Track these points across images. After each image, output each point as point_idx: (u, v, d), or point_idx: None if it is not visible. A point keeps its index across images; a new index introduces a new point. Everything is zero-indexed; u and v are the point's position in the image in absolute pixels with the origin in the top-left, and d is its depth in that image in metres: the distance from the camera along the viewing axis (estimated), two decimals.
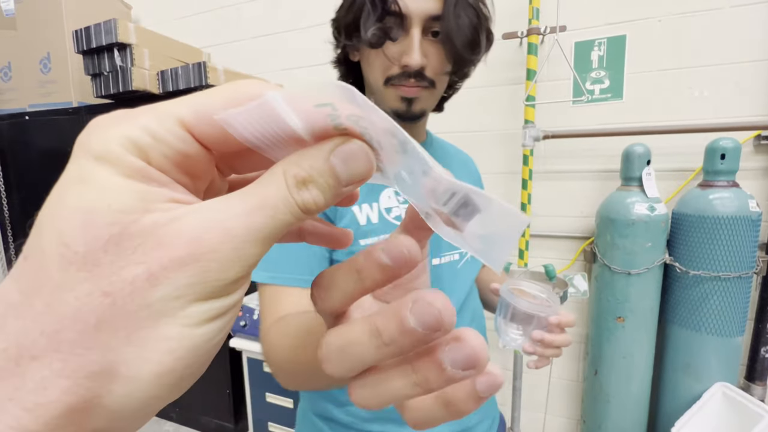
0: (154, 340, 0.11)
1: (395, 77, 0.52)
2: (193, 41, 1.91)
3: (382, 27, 0.49)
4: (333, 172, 0.13)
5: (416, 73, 0.51)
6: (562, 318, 0.48)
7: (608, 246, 1.30)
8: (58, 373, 0.10)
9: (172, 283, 0.11)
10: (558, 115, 1.49)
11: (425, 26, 0.50)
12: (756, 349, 1.26)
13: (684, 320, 1.24)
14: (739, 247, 1.14)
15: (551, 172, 1.55)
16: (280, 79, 1.90)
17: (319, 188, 0.13)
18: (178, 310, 0.11)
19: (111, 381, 0.11)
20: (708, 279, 1.18)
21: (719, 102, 1.31)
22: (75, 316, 0.10)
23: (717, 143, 1.17)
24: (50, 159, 1.98)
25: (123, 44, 1.52)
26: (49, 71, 1.89)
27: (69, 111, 1.88)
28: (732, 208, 1.13)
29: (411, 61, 0.49)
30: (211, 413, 1.84)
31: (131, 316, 0.11)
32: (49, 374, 0.10)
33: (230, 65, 1.73)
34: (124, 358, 0.11)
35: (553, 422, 1.68)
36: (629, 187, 1.29)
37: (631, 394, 1.31)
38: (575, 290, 1.30)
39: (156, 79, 1.60)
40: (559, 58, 1.42)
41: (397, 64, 0.51)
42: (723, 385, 1.20)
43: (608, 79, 1.42)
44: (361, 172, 0.13)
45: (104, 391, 0.11)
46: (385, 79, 0.52)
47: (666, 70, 1.36)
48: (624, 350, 1.30)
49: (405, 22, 0.49)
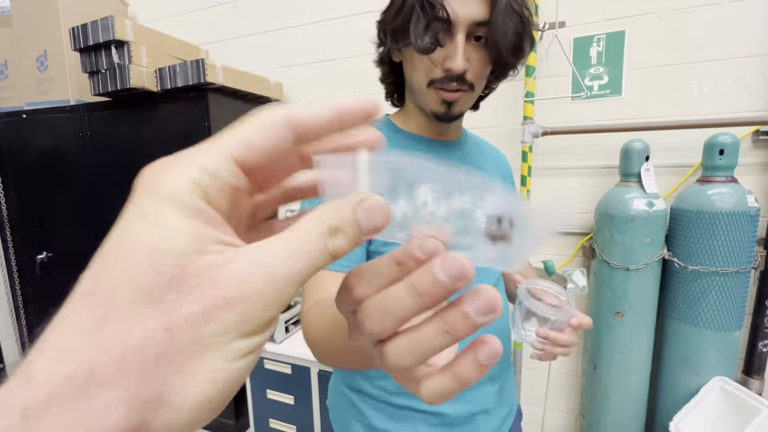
0: (200, 372, 0.12)
1: (438, 80, 0.53)
2: (191, 38, 1.90)
3: (434, 35, 0.50)
4: (357, 224, 0.15)
5: (458, 77, 0.53)
6: (582, 320, 0.51)
7: (607, 242, 1.30)
8: (119, 399, 0.11)
9: (222, 321, 0.13)
10: (557, 112, 1.49)
11: (469, 31, 0.51)
12: (754, 344, 1.27)
13: (682, 315, 1.25)
14: (738, 242, 1.14)
15: (550, 169, 1.55)
16: (278, 76, 1.90)
17: (346, 236, 0.15)
18: (223, 345, 0.13)
19: (160, 407, 0.12)
20: (706, 274, 1.18)
21: (718, 97, 1.31)
22: (139, 349, 0.12)
23: (716, 139, 1.17)
24: (48, 158, 1.98)
25: (120, 41, 1.51)
26: (46, 69, 1.88)
27: (67, 109, 1.87)
28: (730, 203, 1.14)
29: (455, 66, 0.51)
30: None
31: (184, 350, 0.12)
32: (112, 400, 0.11)
33: (228, 62, 1.73)
34: (173, 388, 0.12)
35: (552, 417, 1.69)
36: (628, 183, 1.29)
37: (630, 389, 1.32)
38: (574, 286, 1.30)
39: (154, 76, 1.59)
40: (558, 54, 1.42)
41: (440, 68, 0.52)
42: (721, 379, 1.21)
43: (607, 75, 1.42)
44: (379, 223, 0.15)
45: (153, 417, 0.12)
46: (428, 81, 0.54)
47: (665, 66, 1.36)
48: (623, 345, 1.30)
49: (452, 28, 0.51)
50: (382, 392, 0.61)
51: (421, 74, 0.54)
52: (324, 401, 1.47)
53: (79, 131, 1.87)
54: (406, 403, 0.60)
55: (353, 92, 1.77)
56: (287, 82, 1.90)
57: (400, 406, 0.60)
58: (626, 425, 1.35)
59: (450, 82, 0.53)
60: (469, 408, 0.61)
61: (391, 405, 0.61)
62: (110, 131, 1.81)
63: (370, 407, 0.62)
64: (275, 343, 1.51)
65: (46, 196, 2.03)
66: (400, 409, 0.60)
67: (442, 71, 0.53)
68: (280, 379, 1.52)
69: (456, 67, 0.51)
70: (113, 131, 1.80)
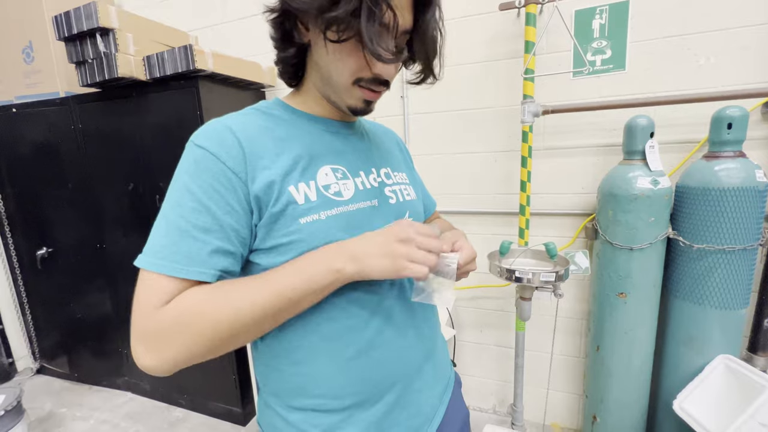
0: None
1: (366, 81, 0.52)
2: (179, 24, 1.84)
3: (395, 45, 0.51)
4: None
5: (385, 81, 0.53)
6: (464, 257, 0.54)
7: (610, 222, 1.28)
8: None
9: None
10: (558, 90, 1.45)
11: (398, 40, 0.52)
12: (759, 321, 1.26)
13: (687, 294, 1.23)
14: (745, 218, 1.11)
15: (551, 149, 1.51)
16: (271, 61, 1.84)
17: None
18: None
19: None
20: (712, 252, 1.16)
21: (726, 69, 1.26)
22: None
23: (723, 112, 1.13)
24: (42, 152, 1.95)
25: (105, 29, 1.46)
26: (33, 61, 1.83)
27: (57, 102, 1.84)
28: (738, 179, 1.10)
29: (386, 74, 0.52)
30: (219, 398, 1.87)
31: None
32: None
33: (218, 48, 1.68)
34: None
35: (555, 397, 1.70)
36: (632, 161, 1.25)
37: (633, 369, 1.32)
38: (576, 267, 1.28)
39: (142, 64, 1.55)
40: (559, 29, 1.37)
41: (370, 70, 0.51)
42: (725, 357, 1.20)
43: (610, 49, 1.36)
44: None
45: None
46: (355, 78, 0.52)
47: (671, 37, 1.30)
48: (626, 325, 1.29)
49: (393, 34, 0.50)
50: (322, 400, 0.53)
51: (347, 70, 0.51)
52: None
53: (70, 124, 1.84)
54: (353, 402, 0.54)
55: None
56: None
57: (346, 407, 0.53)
58: (629, 405, 1.35)
59: (377, 84, 0.53)
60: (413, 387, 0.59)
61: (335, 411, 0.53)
62: (102, 123, 1.78)
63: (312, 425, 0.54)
64: None
65: (42, 191, 2.02)
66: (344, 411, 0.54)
67: (372, 73, 0.51)
68: None
69: (388, 76, 0.52)
70: (105, 123, 1.77)
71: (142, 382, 2.08)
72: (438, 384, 0.65)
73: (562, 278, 1.08)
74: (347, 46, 0.49)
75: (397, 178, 0.65)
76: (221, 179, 0.46)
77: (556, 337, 1.62)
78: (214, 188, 0.46)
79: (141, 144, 1.71)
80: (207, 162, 0.46)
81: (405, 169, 0.71)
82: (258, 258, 0.50)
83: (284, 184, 0.49)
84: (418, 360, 0.60)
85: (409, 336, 0.59)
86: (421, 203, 0.71)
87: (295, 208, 0.49)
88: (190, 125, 1.58)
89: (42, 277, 2.16)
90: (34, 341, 2.33)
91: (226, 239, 0.46)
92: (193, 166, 0.47)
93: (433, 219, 0.83)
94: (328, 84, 0.54)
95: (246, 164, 0.47)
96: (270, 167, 0.49)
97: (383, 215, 0.58)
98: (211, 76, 1.58)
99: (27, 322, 2.31)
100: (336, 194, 0.53)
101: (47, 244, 2.08)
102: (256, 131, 0.51)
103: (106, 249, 1.94)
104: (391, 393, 0.56)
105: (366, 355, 0.54)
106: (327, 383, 0.53)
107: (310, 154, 0.53)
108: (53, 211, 2.02)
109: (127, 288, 1.93)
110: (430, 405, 0.62)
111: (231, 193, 0.46)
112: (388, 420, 0.56)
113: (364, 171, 0.59)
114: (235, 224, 0.47)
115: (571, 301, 1.58)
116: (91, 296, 2.05)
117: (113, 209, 1.86)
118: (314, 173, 0.52)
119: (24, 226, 2.13)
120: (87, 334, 2.14)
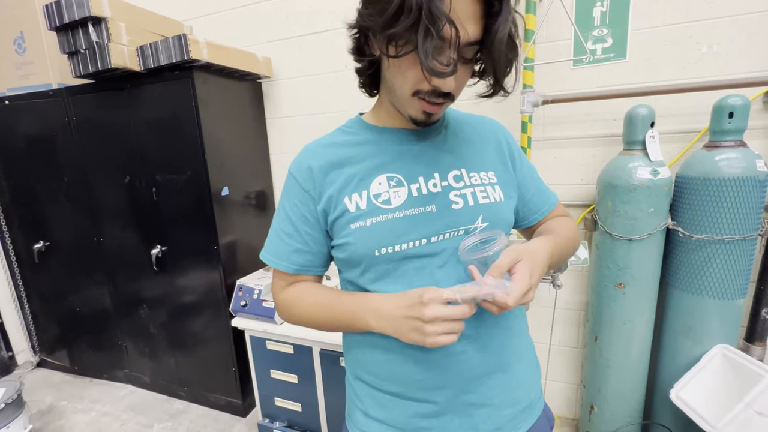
0: None
1: (425, 93, 0.52)
2: (173, 13, 1.80)
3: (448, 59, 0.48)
4: None
5: (446, 94, 0.52)
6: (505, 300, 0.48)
7: (609, 213, 1.27)
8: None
9: None
10: (558, 79, 1.43)
11: (462, 52, 0.49)
12: (757, 311, 1.26)
13: (686, 285, 1.23)
14: (745, 209, 1.11)
15: (551, 139, 1.50)
16: (266, 51, 1.82)
17: None
18: None
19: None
20: (711, 243, 1.16)
21: (729, 57, 1.24)
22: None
23: (725, 101, 1.12)
24: (36, 145, 1.93)
25: (97, 18, 1.43)
26: (25, 51, 1.80)
27: (50, 93, 1.81)
28: (738, 169, 1.09)
29: (445, 87, 0.51)
30: (219, 391, 1.88)
31: None
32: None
33: (213, 38, 1.65)
34: None
35: (553, 387, 1.71)
36: (632, 151, 1.24)
37: (631, 359, 1.33)
38: (575, 259, 1.28)
39: (136, 55, 1.52)
40: (559, 16, 1.34)
41: (429, 83, 0.50)
42: (723, 347, 1.20)
43: (611, 38, 1.34)
44: None
45: None
46: (414, 91, 0.52)
47: (673, 25, 1.28)
48: (624, 316, 1.30)
49: (450, 46, 0.48)
50: (374, 378, 0.62)
51: (407, 83, 0.52)
52: (327, 379, 1.48)
53: (64, 116, 1.81)
54: (397, 390, 0.60)
55: (344, 66, 1.70)
56: (276, 58, 1.83)
57: (391, 392, 0.61)
58: (627, 394, 1.36)
59: (436, 97, 0.52)
60: (466, 398, 0.58)
61: (382, 391, 0.61)
62: (96, 115, 1.75)
63: (366, 395, 0.64)
64: (276, 324, 1.52)
65: (37, 185, 2.00)
66: (391, 396, 0.61)
67: (430, 85, 0.51)
68: (283, 359, 1.54)
69: (447, 89, 0.51)
70: (99, 115, 1.75)
71: (142, 374, 2.08)
72: (509, 406, 0.61)
73: (561, 269, 1.08)
74: (406, 60, 0.50)
75: (474, 179, 0.61)
76: (300, 196, 0.61)
77: (555, 327, 1.63)
78: (295, 204, 0.61)
79: (137, 136, 1.69)
80: (292, 184, 0.62)
81: (495, 165, 0.65)
82: (333, 251, 0.63)
83: (340, 195, 0.58)
84: (474, 371, 0.58)
85: (463, 344, 0.57)
86: (507, 205, 0.63)
87: (347, 215, 0.58)
88: (186, 117, 1.56)
89: (40, 270, 2.15)
90: (34, 335, 2.33)
91: (302, 242, 0.62)
92: (286, 188, 0.64)
93: (547, 220, 0.72)
94: (393, 95, 0.57)
95: (315, 185, 0.60)
96: (333, 183, 0.59)
97: (443, 221, 0.57)
98: (207, 67, 1.55)
99: (26, 315, 2.31)
100: (384, 202, 0.57)
101: (44, 237, 2.07)
102: (330, 155, 0.61)
103: (103, 243, 1.93)
104: (438, 395, 0.58)
105: (401, 353, 0.59)
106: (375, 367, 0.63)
107: (369, 167, 0.59)
108: (49, 205, 2.01)
109: (126, 282, 1.94)
110: (492, 424, 0.60)
111: (305, 206, 0.60)
112: (436, 420, 0.59)
113: (424, 176, 0.59)
114: (309, 230, 0.61)
115: (569, 292, 1.59)
116: (89, 290, 2.05)
117: (110, 202, 1.85)
118: (368, 184, 0.58)
119: (20, 219, 2.12)
120: (86, 328, 2.14)
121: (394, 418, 0.60)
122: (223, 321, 1.74)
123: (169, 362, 1.96)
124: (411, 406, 0.59)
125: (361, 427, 0.64)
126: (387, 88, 0.58)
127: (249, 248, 1.83)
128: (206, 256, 1.70)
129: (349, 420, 0.69)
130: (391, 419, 0.61)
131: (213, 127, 1.62)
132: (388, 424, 0.61)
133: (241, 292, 1.60)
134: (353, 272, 0.60)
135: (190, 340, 1.87)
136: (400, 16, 0.44)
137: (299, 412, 1.57)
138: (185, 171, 1.64)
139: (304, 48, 1.77)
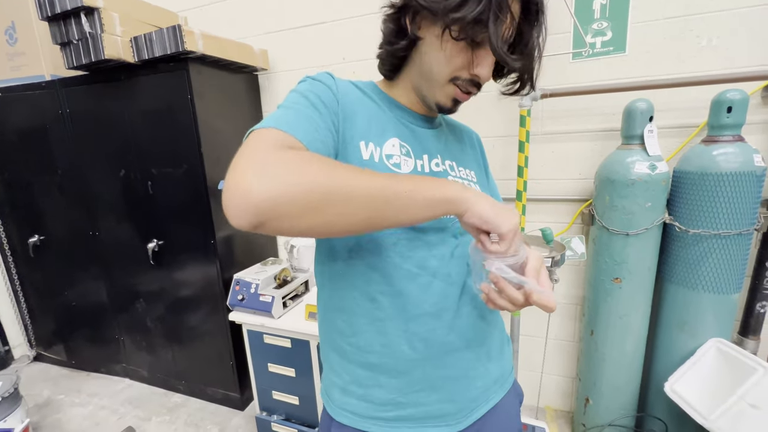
0: None
1: (462, 81, 0.54)
2: (167, 4, 1.78)
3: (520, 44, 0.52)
4: None
5: (477, 84, 0.55)
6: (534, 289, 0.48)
7: (607, 207, 1.27)
8: None
9: None
10: (557, 73, 1.42)
11: None
12: (752, 305, 1.27)
13: (682, 279, 1.23)
14: (742, 203, 1.11)
15: (549, 134, 1.49)
16: (263, 43, 1.79)
17: None
18: None
19: None
20: (707, 237, 1.16)
21: (728, 51, 1.24)
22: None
23: (724, 95, 1.11)
24: (30, 137, 1.91)
25: (90, 8, 1.41)
26: (16, 42, 1.77)
27: (42, 85, 1.78)
28: (736, 163, 1.10)
29: (484, 76, 0.53)
30: (217, 384, 1.88)
31: None
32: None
33: (209, 29, 1.62)
34: None
35: (549, 380, 1.72)
36: (630, 145, 1.24)
37: (627, 353, 1.34)
38: (572, 253, 1.28)
39: (130, 46, 1.50)
40: (559, 8, 1.33)
41: (469, 70, 0.53)
42: (717, 340, 1.21)
43: (610, 31, 1.33)
44: None
45: None
46: (452, 77, 0.54)
47: (673, 18, 1.27)
48: (621, 310, 1.30)
49: None
50: (354, 349, 0.59)
51: (449, 67, 0.53)
52: None
53: (58, 108, 1.79)
54: (380, 361, 0.58)
55: (342, 59, 1.68)
56: (273, 49, 1.80)
57: (374, 364, 0.58)
58: (622, 387, 1.37)
59: (472, 86, 0.55)
60: (443, 372, 0.59)
61: (364, 366, 0.59)
62: (90, 107, 1.73)
63: (344, 371, 0.61)
64: (273, 318, 1.52)
65: (31, 178, 1.98)
66: (370, 370, 0.59)
67: (469, 74, 0.53)
68: (280, 353, 1.54)
69: (484, 78, 0.53)
70: (93, 107, 1.72)
71: (140, 368, 2.09)
72: (481, 378, 0.63)
73: (558, 263, 1.08)
74: (456, 46, 0.51)
75: (462, 173, 0.64)
76: (328, 95, 0.53)
77: (551, 321, 1.64)
78: (321, 98, 0.51)
79: (132, 129, 1.67)
80: (319, 85, 0.53)
81: (475, 167, 0.69)
82: None
83: (356, 135, 0.53)
84: (450, 346, 0.58)
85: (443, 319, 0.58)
86: None
87: (359, 159, 0.53)
88: (181, 109, 1.54)
89: (35, 264, 2.14)
90: (30, 329, 2.32)
91: (326, 130, 0.50)
92: (309, 84, 0.54)
93: None
94: (426, 78, 0.57)
95: (339, 103, 0.53)
96: (354, 117, 0.54)
97: None
98: (202, 59, 1.53)
99: (22, 310, 2.30)
100: (395, 165, 0.55)
101: (39, 231, 2.05)
102: (355, 91, 0.58)
103: (99, 236, 1.91)
104: (415, 369, 0.57)
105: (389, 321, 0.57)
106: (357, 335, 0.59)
107: (385, 125, 0.57)
108: (43, 199, 1.99)
109: (123, 276, 1.93)
110: (468, 395, 0.61)
111: (330, 108, 0.52)
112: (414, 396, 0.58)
113: (429, 155, 0.60)
114: (330, 124, 0.51)
115: (566, 286, 1.59)
116: (86, 284, 2.04)
117: (105, 196, 1.83)
118: (383, 141, 0.56)
119: (14, 213, 2.10)
120: (83, 322, 2.13)
121: (374, 395, 0.59)
122: (221, 315, 1.73)
123: (167, 356, 1.96)
124: (391, 382, 0.58)
125: (341, 405, 0.62)
126: (417, 72, 0.58)
127: (246, 242, 1.82)
128: (203, 250, 1.69)
129: (326, 398, 0.66)
130: (370, 395, 0.59)
131: (209, 119, 1.60)
132: (367, 401, 0.59)
133: (239, 286, 1.60)
134: None
135: (188, 334, 1.87)
136: (467, 1, 0.47)
137: (297, 405, 1.58)
138: (181, 164, 1.62)
139: (302, 40, 1.75)
